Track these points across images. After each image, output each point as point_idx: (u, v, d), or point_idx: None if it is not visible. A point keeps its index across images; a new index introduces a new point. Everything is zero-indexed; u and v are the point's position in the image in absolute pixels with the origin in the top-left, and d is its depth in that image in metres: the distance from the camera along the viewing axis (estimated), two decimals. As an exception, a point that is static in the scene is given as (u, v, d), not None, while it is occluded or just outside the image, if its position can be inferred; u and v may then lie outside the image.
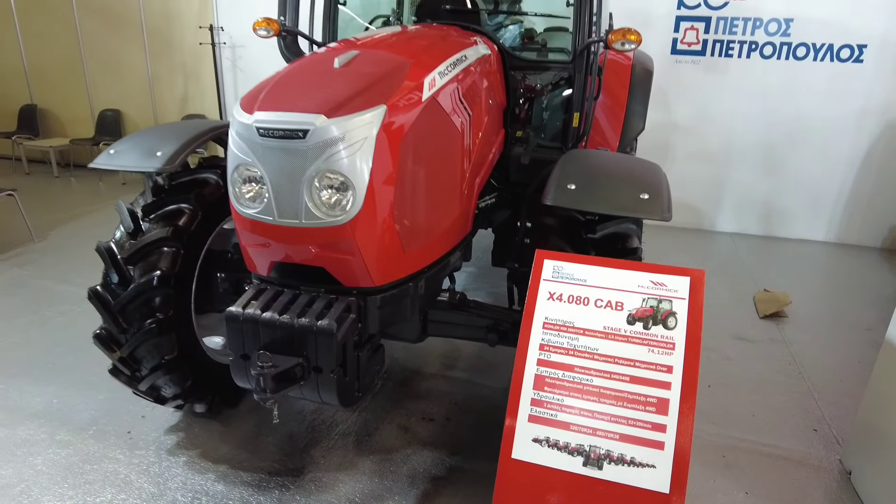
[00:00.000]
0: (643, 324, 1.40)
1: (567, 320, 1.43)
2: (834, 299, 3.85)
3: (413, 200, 1.74)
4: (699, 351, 1.33)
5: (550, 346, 1.42)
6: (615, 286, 1.44)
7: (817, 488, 2.19)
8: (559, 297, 1.45)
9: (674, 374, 1.34)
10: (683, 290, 1.39)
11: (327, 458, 2.31)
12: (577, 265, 1.46)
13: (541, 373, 1.41)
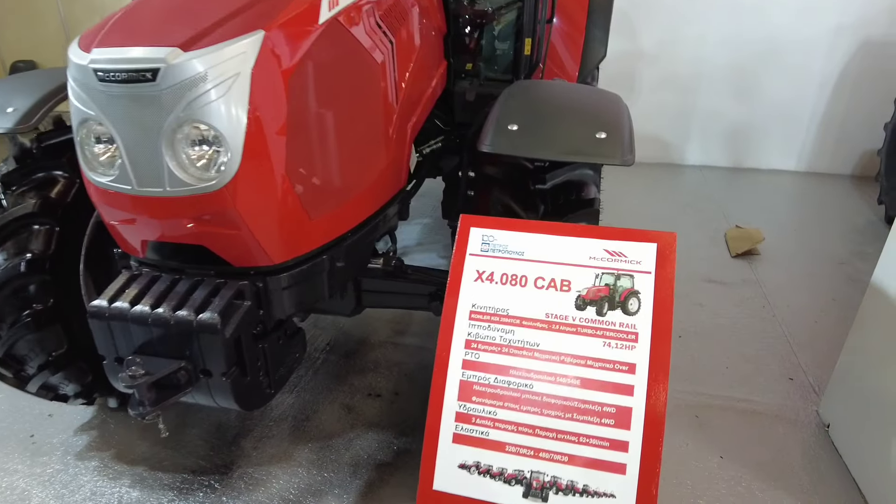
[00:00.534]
0: (597, 308, 1.09)
1: (500, 307, 1.13)
2: (806, 232, 3.67)
3: (317, 154, 1.40)
4: (669, 342, 1.04)
5: (479, 342, 1.12)
6: (560, 259, 1.13)
7: (794, 445, 2.03)
8: (489, 276, 1.15)
9: (637, 375, 1.04)
10: (648, 260, 1.09)
11: (259, 449, 2.05)
12: (511, 234, 1.15)
13: (467, 378, 1.12)
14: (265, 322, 1.43)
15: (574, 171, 1.51)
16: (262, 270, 1.38)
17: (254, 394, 1.43)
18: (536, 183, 1.52)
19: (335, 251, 1.51)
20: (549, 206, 1.49)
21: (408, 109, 1.90)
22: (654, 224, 3.69)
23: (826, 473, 1.91)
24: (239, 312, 1.31)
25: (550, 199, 1.50)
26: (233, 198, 1.22)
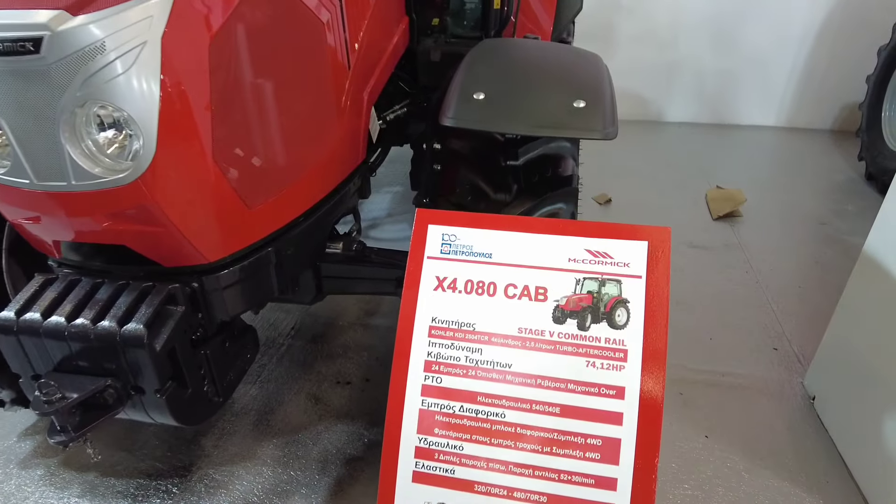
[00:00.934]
0: (578, 321, 0.93)
1: (465, 322, 0.96)
2: (787, 191, 3.57)
3: (252, 132, 1.21)
4: (664, 361, 0.89)
5: (441, 363, 0.95)
6: (534, 262, 0.96)
7: (780, 421, 1.96)
8: (452, 284, 0.97)
9: (626, 401, 0.88)
10: (638, 262, 0.92)
11: (221, 447, 1.91)
12: (477, 232, 0.98)
13: (428, 406, 0.95)
14: (206, 326, 1.27)
15: (549, 144, 1.35)
16: (197, 269, 1.21)
17: (197, 406, 1.28)
18: (508, 158, 1.35)
19: (282, 241, 1.34)
20: (522, 185, 1.33)
21: (363, 73, 1.70)
22: (633, 186, 3.57)
23: (812, 449, 1.85)
24: (171, 320, 1.14)
25: (524, 177, 1.35)
26: (151, 190, 1.03)
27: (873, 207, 3.33)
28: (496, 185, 1.33)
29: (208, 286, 1.22)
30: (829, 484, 1.73)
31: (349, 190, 1.64)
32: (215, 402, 1.35)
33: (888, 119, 3.51)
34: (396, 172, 3.79)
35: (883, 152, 3.43)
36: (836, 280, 2.67)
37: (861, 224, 3.15)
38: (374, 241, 3.04)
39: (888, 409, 1.62)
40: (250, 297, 1.33)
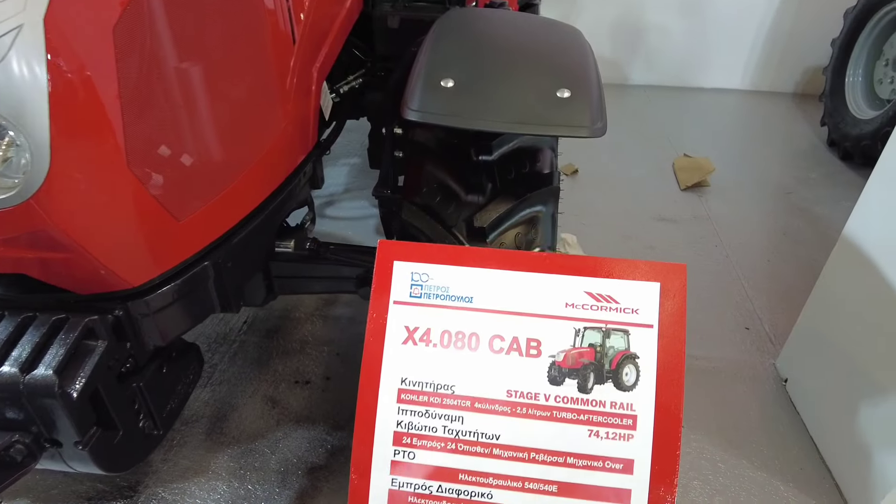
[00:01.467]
0: (578, 381, 0.77)
1: (441, 383, 0.78)
2: (752, 159, 3.53)
3: (177, 130, 1.01)
4: (680, 426, 0.76)
5: (413, 434, 0.78)
6: (525, 307, 0.79)
7: (753, 405, 1.93)
8: (424, 336, 0.79)
9: (635, 476, 0.75)
10: (649, 308, 0.78)
11: (170, 461, 1.76)
12: (454, 269, 0.79)
13: (399, 487, 0.78)
14: (136, 356, 1.09)
15: (526, 136, 1.20)
16: (119, 295, 1.02)
17: (132, 447, 1.11)
18: (480, 152, 1.20)
19: (221, 253, 1.15)
20: (497, 183, 1.18)
21: (312, 47, 1.49)
22: (599, 154, 3.46)
23: (785, 435, 1.83)
24: (90, 358, 0.96)
25: (498, 174, 1.19)
26: (47, 210, 0.84)
27: (835, 175, 3.36)
28: (468, 184, 1.17)
29: (135, 312, 1.04)
30: (803, 471, 1.72)
31: (299, 182, 1.45)
32: (154, 436, 1.19)
33: (852, 84, 3.48)
34: (353, 142, 3.58)
35: (845, 118, 3.40)
36: (804, 252, 2.66)
37: (824, 193, 3.14)
38: (330, 221, 2.87)
39: (860, 395, 1.59)
40: (187, 318, 1.16)
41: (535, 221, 1.14)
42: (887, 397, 1.50)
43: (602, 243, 2.70)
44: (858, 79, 3.46)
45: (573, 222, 2.84)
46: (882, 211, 1.57)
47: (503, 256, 0.79)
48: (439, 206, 1.14)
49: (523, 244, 1.12)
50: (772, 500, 1.64)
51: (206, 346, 2.16)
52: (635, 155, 3.50)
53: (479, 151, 1.19)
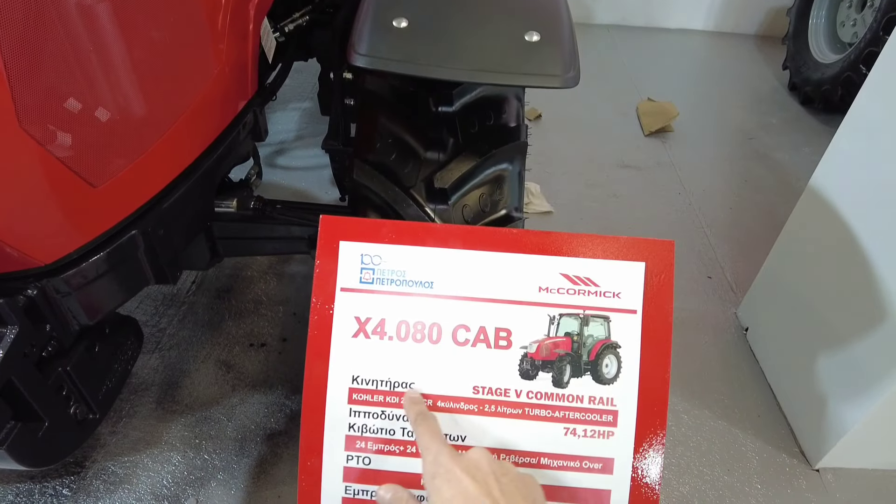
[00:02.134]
0: (553, 374, 0.69)
1: (399, 380, 0.69)
2: (715, 102, 3.49)
3: (87, 78, 0.86)
4: (665, 422, 0.69)
5: (367, 438, 0.70)
6: (493, 293, 0.69)
7: (715, 355, 1.95)
8: (379, 328, 0.69)
9: (615, 476, 0.69)
10: (632, 291, 0.68)
11: (119, 434, 1.66)
12: (410, 250, 0.69)
13: (354, 495, 0.70)
14: (60, 338, 0.97)
15: (490, 84, 1.09)
16: (31, 273, 0.89)
17: (63, 436, 1.01)
18: (440, 103, 1.08)
19: (150, 219, 1.03)
20: (459, 138, 1.08)
21: (248, -19, 1.31)
22: (563, 98, 3.35)
23: (745, 383, 1.86)
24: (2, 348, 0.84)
25: (460, 127, 1.08)
26: (-75, 183, 0.70)
27: (796, 120, 3.35)
28: (427, 139, 1.06)
29: (52, 292, 0.91)
30: (761, 418, 1.75)
31: (238, 135, 1.31)
32: (90, 420, 1.09)
33: (815, 27, 3.42)
34: (303, 84, 3.36)
35: (808, 62, 3.37)
36: (764, 200, 2.67)
37: (785, 139, 3.13)
38: (281, 172, 2.71)
39: (817, 345, 1.61)
40: (115, 293, 1.04)
41: (500, 180, 1.04)
42: (844, 348, 1.52)
43: (566, 192, 2.64)
44: (822, 21, 3.40)
45: (537, 170, 2.76)
46: (850, 162, 1.54)
47: (468, 234, 0.70)
48: (395, 164, 1.04)
49: (488, 206, 1.04)
50: (731, 447, 1.67)
51: (153, 308, 2.03)
52: (599, 98, 3.41)
53: (438, 101, 1.08)
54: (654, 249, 0.68)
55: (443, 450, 0.62)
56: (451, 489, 0.58)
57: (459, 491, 0.58)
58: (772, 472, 1.62)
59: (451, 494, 0.58)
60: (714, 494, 1.57)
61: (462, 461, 0.60)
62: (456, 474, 0.59)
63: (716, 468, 1.63)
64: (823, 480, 1.60)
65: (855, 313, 1.49)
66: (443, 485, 0.59)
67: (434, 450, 0.62)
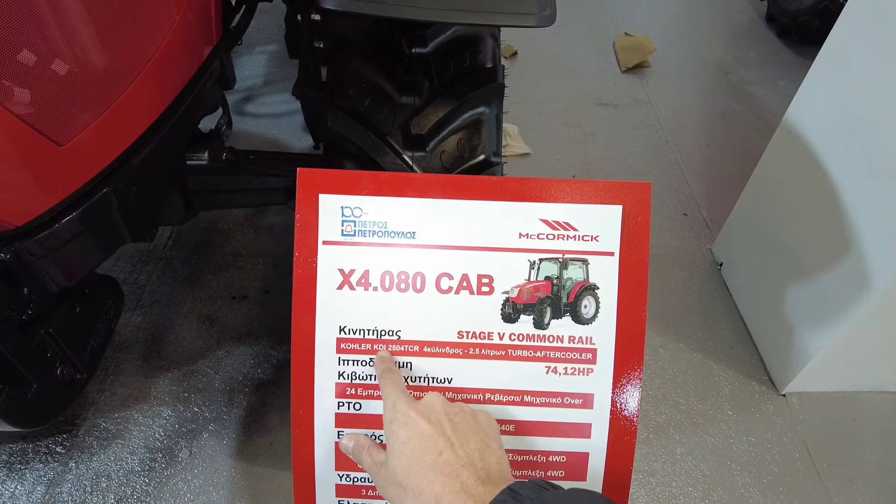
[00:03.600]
0: (534, 317, 0.71)
1: (385, 328, 0.70)
2: (692, 36, 3.43)
3: (49, 29, 0.81)
4: (642, 358, 0.73)
5: (357, 385, 0.71)
6: (474, 241, 0.70)
7: (691, 290, 2.00)
8: (363, 279, 0.70)
9: (595, 411, 0.72)
10: (610, 234, 0.70)
11: (107, 391, 1.67)
12: (391, 201, 0.69)
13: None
14: (38, 301, 0.96)
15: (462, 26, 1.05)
16: (3, 236, 0.87)
17: (52, 397, 1.01)
18: (414, 45, 1.05)
19: (121, 176, 1.00)
20: (434, 80, 1.05)
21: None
22: (539, 35, 3.26)
23: (719, 316, 1.92)
24: (-25, 313, 0.83)
25: (435, 69, 1.06)
26: None
27: (773, 53, 3.32)
28: (401, 83, 1.03)
29: (26, 255, 0.90)
30: (733, 349, 1.83)
31: (206, 84, 1.26)
32: (78, 380, 1.09)
33: (794, -48, 3.34)
34: (269, 26, 3.22)
35: (786, -10, 3.31)
36: (740, 135, 2.68)
37: (762, 72, 3.12)
38: (252, 119, 2.63)
39: (787, 277, 1.66)
40: (92, 253, 1.02)
41: (478, 125, 1.03)
42: (811, 280, 1.57)
43: (544, 133, 2.61)
44: (801, -54, 3.32)
45: (514, 110, 2.72)
46: (825, 96, 1.54)
47: (448, 183, 0.69)
48: (370, 110, 1.01)
49: (467, 151, 1.02)
50: (705, 378, 1.75)
51: (130, 266, 2.00)
52: (576, 33, 3.33)
53: (411, 43, 1.04)
54: (631, 192, 0.70)
55: (400, 397, 0.65)
56: (407, 432, 0.61)
57: (415, 433, 0.61)
58: (742, 399, 1.71)
59: (407, 437, 0.61)
60: (689, 422, 1.65)
61: (417, 406, 0.64)
62: (411, 417, 0.62)
63: (690, 398, 1.71)
64: (789, 404, 1.69)
65: (822, 246, 1.53)
66: (399, 428, 0.62)
67: (393, 397, 0.65)
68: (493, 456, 0.60)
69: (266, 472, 1.51)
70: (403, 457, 0.60)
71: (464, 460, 0.58)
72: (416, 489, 0.57)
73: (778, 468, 1.56)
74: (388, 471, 0.61)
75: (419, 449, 0.59)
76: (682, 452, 1.59)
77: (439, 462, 0.58)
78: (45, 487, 1.47)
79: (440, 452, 0.59)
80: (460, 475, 0.57)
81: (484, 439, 0.62)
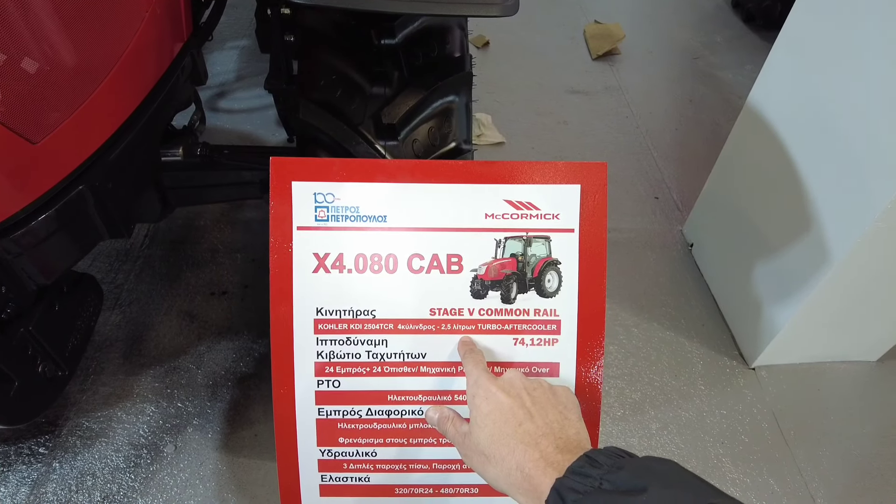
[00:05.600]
0: (502, 292, 0.75)
1: (361, 308, 0.74)
2: (660, 22, 3.49)
3: (16, 27, 0.82)
4: (603, 327, 0.76)
5: (336, 363, 0.75)
6: (443, 222, 0.74)
7: (663, 271, 2.06)
8: (337, 262, 0.73)
9: (562, 378, 0.77)
10: (570, 212, 0.74)
11: (89, 391, 1.67)
12: (362, 186, 0.72)
13: (327, 416, 0.76)
14: (17, 299, 0.97)
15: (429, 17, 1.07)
16: (-29, 235, 0.88)
17: (34, 394, 1.02)
18: (383, 37, 1.07)
19: (96, 173, 1.01)
20: (404, 71, 1.07)
21: None
22: (510, 24, 3.29)
23: (691, 295, 1.98)
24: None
25: (404, 59, 1.08)
26: None
27: (739, 38, 3.40)
28: (371, 74, 1.05)
29: (2, 253, 0.90)
30: (705, 327, 1.89)
31: (177, 80, 1.27)
32: (60, 377, 1.10)
33: (757, -62, 3.41)
34: (239, 21, 3.20)
35: (750, -25, 3.38)
36: (708, 118, 2.75)
37: (729, 57, 3.19)
38: (225, 115, 2.62)
39: (755, 255, 1.73)
40: (70, 250, 1.03)
41: (448, 113, 1.06)
42: (776, 257, 1.63)
43: (517, 122, 2.65)
44: (764, -68, 3.39)
45: (487, 100, 2.75)
46: (785, 78, 1.60)
47: (416, 167, 0.73)
48: (341, 101, 1.03)
49: (438, 139, 1.05)
50: (678, 354, 1.81)
51: (108, 265, 2.00)
52: (547, 22, 3.36)
53: (380, 35, 1.06)
54: (589, 172, 0.74)
55: (482, 374, 0.69)
56: (489, 405, 0.65)
57: (496, 405, 0.65)
58: (714, 374, 1.77)
59: (488, 409, 0.65)
60: (663, 398, 1.71)
61: (497, 381, 0.68)
62: (492, 391, 0.66)
63: (664, 374, 1.76)
64: (758, 377, 1.76)
65: (785, 224, 1.59)
66: (481, 402, 0.66)
67: (475, 374, 0.70)
68: (571, 427, 0.64)
69: (252, 464, 1.53)
70: (486, 427, 0.64)
71: (543, 430, 0.61)
72: (499, 457, 0.61)
73: (748, 438, 1.62)
74: (472, 441, 0.65)
75: (500, 420, 0.63)
76: (657, 427, 1.65)
77: (519, 432, 0.61)
78: (30, 489, 1.47)
79: (520, 423, 0.62)
80: (539, 443, 0.60)
81: (562, 411, 0.65)
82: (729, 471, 1.56)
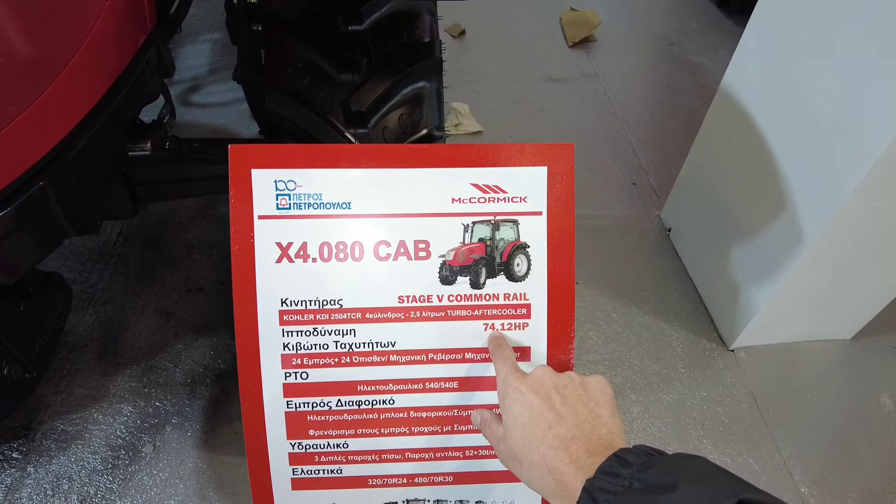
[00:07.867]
0: (471, 278, 0.73)
1: (327, 298, 0.72)
2: (635, 8, 3.50)
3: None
4: (572, 311, 0.75)
5: (302, 355, 0.73)
6: (409, 208, 0.72)
7: (641, 256, 2.07)
8: (301, 251, 0.71)
9: (532, 362, 0.76)
10: (537, 194, 0.72)
11: (64, 392, 1.64)
12: (324, 172, 0.70)
13: (296, 408, 0.75)
14: (-25, 302, 0.94)
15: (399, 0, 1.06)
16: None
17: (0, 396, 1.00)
18: (350, 22, 1.04)
19: (58, 168, 0.98)
20: (372, 57, 1.05)
21: None
22: (485, 12, 3.27)
23: (669, 280, 1.99)
24: None
25: (373, 46, 1.06)
26: None
27: (714, 23, 3.41)
28: (339, 61, 1.03)
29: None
30: (684, 310, 1.90)
31: (143, 72, 1.23)
32: (27, 379, 1.07)
33: (730, -78, 3.42)
34: (211, 14, 3.14)
35: (725, -40, 3.39)
36: (684, 103, 2.76)
37: (704, 42, 3.20)
38: (198, 109, 2.57)
39: (732, 238, 1.74)
40: (33, 248, 1.00)
41: (419, 99, 1.04)
42: (752, 239, 1.65)
43: (495, 110, 2.64)
44: (737, -84, 3.40)
45: (465, 89, 2.73)
46: (757, 62, 1.60)
47: (380, 152, 0.71)
48: (309, 89, 1.01)
49: (409, 126, 1.04)
50: (657, 338, 1.82)
51: (80, 265, 1.95)
52: (523, 10, 3.35)
53: (347, 21, 1.04)
54: (555, 154, 0.73)
55: (510, 372, 0.69)
56: (519, 407, 0.65)
57: (526, 407, 0.65)
58: (694, 357, 1.78)
59: (518, 412, 0.65)
60: (644, 382, 1.72)
61: (526, 380, 0.68)
62: (521, 392, 0.66)
63: (644, 359, 1.77)
64: (737, 358, 1.77)
65: (759, 206, 1.61)
66: (511, 404, 0.66)
67: (503, 372, 0.69)
68: (602, 425, 0.62)
69: (232, 461, 1.51)
70: (516, 431, 0.64)
71: (573, 432, 0.61)
72: (530, 462, 0.61)
73: (728, 419, 1.64)
74: (506, 445, 0.65)
75: (530, 424, 0.63)
76: (638, 411, 1.66)
77: (549, 436, 0.61)
78: (3, 494, 1.43)
79: (549, 426, 0.62)
80: (570, 447, 0.59)
81: (593, 408, 0.64)
82: (710, 452, 1.57)
